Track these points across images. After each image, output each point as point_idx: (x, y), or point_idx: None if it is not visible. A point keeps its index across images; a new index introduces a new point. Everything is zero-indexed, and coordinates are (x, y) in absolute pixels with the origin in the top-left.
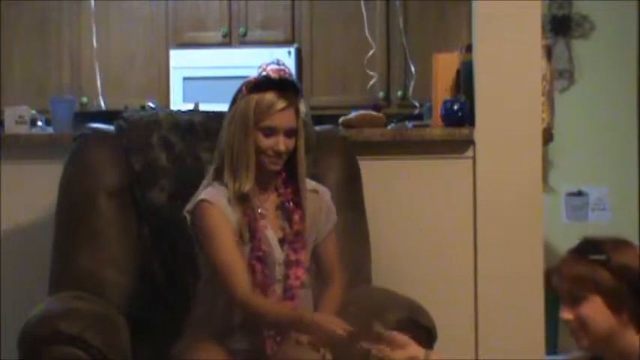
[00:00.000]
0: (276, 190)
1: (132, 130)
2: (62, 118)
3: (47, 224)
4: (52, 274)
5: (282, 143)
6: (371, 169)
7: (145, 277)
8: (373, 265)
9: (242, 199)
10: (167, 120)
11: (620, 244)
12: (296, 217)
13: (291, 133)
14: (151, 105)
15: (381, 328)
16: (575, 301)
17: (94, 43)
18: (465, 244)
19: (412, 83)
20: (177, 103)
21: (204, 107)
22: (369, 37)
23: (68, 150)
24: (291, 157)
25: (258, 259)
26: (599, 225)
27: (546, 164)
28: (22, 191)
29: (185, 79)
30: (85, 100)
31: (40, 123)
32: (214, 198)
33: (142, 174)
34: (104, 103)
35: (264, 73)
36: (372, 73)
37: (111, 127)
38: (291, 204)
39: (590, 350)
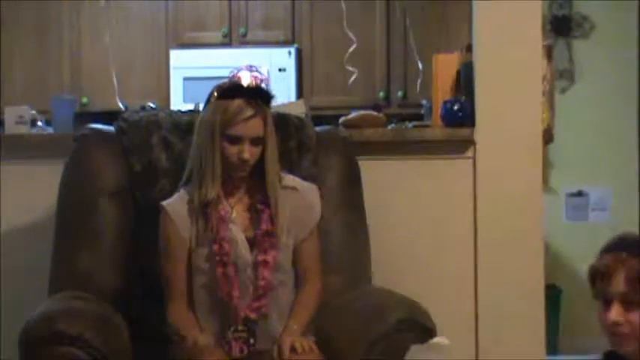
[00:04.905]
0: (248, 192)
1: (132, 131)
2: (62, 119)
3: (47, 224)
4: (52, 274)
5: (246, 152)
6: (371, 169)
7: (145, 278)
8: (373, 265)
9: (207, 205)
10: (167, 120)
11: None
12: (265, 217)
13: (257, 141)
14: (151, 105)
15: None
16: (629, 305)
17: (95, 44)
18: (465, 243)
19: (413, 83)
20: (178, 103)
21: None
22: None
23: (68, 150)
24: (262, 162)
25: (221, 262)
26: (599, 225)
27: (546, 164)
28: (22, 191)
29: (185, 79)
30: (85, 100)
31: (40, 123)
32: (173, 207)
33: (142, 174)
34: (104, 103)
35: (234, 80)
36: (351, 69)
37: (111, 128)
38: (261, 205)
39: (632, 355)
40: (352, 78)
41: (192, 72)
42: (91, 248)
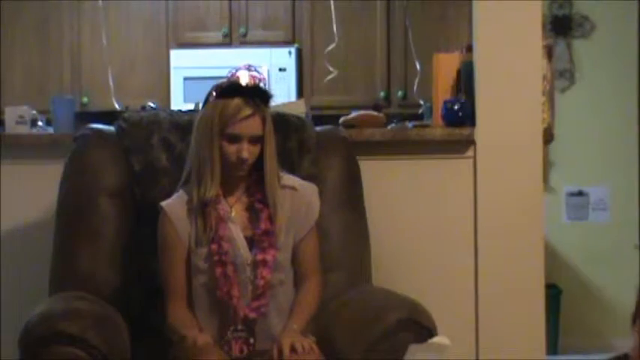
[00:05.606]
0: (247, 191)
1: (132, 131)
2: (62, 118)
3: (47, 224)
4: (52, 274)
5: (245, 150)
6: (371, 169)
7: (145, 278)
8: (373, 265)
9: (206, 204)
10: (167, 120)
11: None
12: (264, 216)
13: (255, 140)
14: (152, 105)
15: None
16: None
17: (95, 44)
18: (465, 244)
19: (413, 83)
20: (178, 103)
21: None
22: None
23: (68, 150)
24: (261, 161)
25: (220, 261)
26: (599, 225)
27: (547, 164)
28: (22, 191)
29: (185, 79)
30: (85, 100)
31: (40, 123)
32: (171, 208)
33: (142, 174)
34: (105, 103)
35: (232, 79)
36: (331, 68)
37: (111, 128)
38: (260, 205)
39: None
40: (329, 77)
41: (193, 72)
42: (91, 248)
